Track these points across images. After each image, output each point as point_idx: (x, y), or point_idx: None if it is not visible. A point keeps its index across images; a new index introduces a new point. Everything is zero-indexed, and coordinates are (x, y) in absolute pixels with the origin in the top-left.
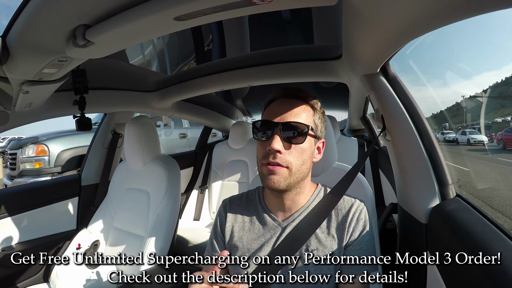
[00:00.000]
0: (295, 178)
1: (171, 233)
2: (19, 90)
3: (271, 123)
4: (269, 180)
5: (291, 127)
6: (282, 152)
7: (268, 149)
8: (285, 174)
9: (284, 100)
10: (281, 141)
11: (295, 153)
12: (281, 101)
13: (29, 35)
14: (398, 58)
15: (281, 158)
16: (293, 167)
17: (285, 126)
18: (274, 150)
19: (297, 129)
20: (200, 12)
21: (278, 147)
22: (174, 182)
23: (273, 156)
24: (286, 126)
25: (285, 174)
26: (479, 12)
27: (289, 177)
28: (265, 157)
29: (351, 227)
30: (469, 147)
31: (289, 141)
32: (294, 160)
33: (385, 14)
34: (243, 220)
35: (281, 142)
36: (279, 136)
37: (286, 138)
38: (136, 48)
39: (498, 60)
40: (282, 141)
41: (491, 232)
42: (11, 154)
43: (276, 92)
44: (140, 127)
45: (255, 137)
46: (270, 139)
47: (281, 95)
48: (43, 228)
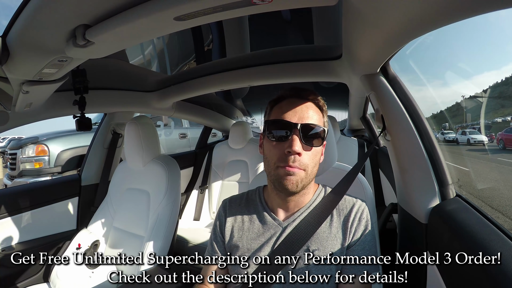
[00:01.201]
0: (308, 180)
1: (171, 233)
2: (19, 90)
3: (289, 123)
4: (287, 181)
5: (310, 129)
6: (301, 154)
7: (287, 151)
8: (302, 176)
9: (296, 101)
10: (300, 143)
11: (311, 155)
12: (293, 101)
13: (29, 35)
14: (398, 58)
15: (300, 161)
16: (308, 170)
17: (304, 128)
18: (295, 152)
19: (315, 131)
20: (200, 12)
21: (299, 149)
22: (174, 182)
23: (292, 159)
24: (305, 128)
25: (302, 176)
26: (479, 12)
27: (305, 179)
28: (282, 159)
29: (353, 227)
30: (469, 147)
31: (308, 143)
32: (310, 162)
33: (385, 14)
34: (242, 220)
35: (300, 144)
36: (299, 138)
37: (306, 140)
38: (136, 48)
39: (498, 60)
40: (302, 143)
41: (491, 232)
42: (11, 154)
43: (286, 91)
44: (140, 127)
45: (269, 137)
46: (288, 140)
47: (291, 95)
48: (43, 228)
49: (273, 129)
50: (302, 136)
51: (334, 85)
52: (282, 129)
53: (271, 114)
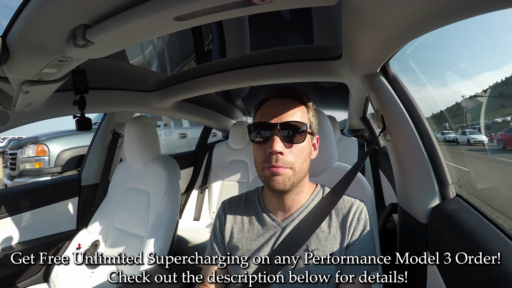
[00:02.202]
0: (298, 178)
1: (171, 233)
2: (19, 90)
3: (269, 124)
4: (274, 181)
5: (290, 126)
6: (284, 153)
7: (269, 151)
8: (289, 174)
9: (278, 100)
10: (281, 142)
11: (296, 152)
12: (275, 101)
13: (29, 35)
14: (398, 58)
15: (283, 159)
16: (296, 167)
17: (284, 126)
18: (276, 152)
19: (296, 128)
20: (200, 12)
21: (279, 148)
22: (174, 182)
23: (275, 159)
24: (285, 126)
25: (289, 174)
26: (479, 12)
27: (293, 176)
28: (266, 160)
29: (352, 227)
30: (469, 147)
31: (289, 141)
32: (296, 159)
33: (385, 14)
34: (242, 221)
35: (281, 143)
36: (279, 137)
37: (286, 138)
38: (136, 48)
39: (498, 60)
40: (283, 141)
41: (491, 232)
42: (11, 154)
43: (268, 92)
44: (140, 127)
45: (252, 140)
46: (269, 141)
47: (274, 95)
48: (43, 228)
49: (255, 131)
50: (283, 135)
51: (334, 85)
52: (263, 131)
53: (255, 117)
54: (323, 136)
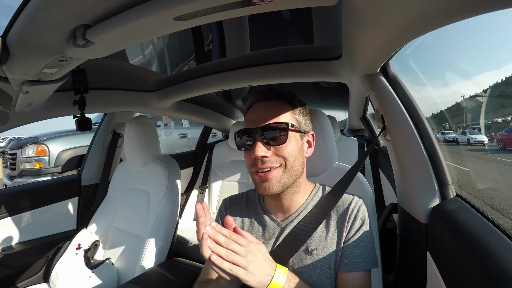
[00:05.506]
0: (289, 177)
1: (171, 233)
2: (19, 90)
3: (250, 130)
4: (262, 187)
5: (270, 128)
6: (268, 156)
7: (253, 157)
8: (278, 176)
9: (259, 104)
10: (263, 146)
11: (283, 152)
12: (256, 106)
13: (29, 35)
14: (398, 58)
15: (270, 161)
16: (287, 165)
17: (264, 130)
18: (259, 157)
19: (277, 129)
20: (200, 12)
21: (262, 153)
22: (174, 182)
23: (261, 162)
24: (264, 129)
25: (279, 175)
26: (479, 12)
27: (283, 176)
28: (253, 165)
29: (349, 223)
30: (469, 147)
31: (271, 143)
32: (284, 158)
33: (385, 14)
34: (242, 221)
35: (263, 147)
36: (261, 142)
37: (268, 141)
38: (136, 48)
39: (498, 60)
40: (264, 145)
41: (491, 232)
42: (11, 154)
43: (250, 98)
44: (140, 127)
45: (239, 148)
46: (252, 147)
47: (256, 100)
48: (43, 228)
49: (239, 139)
50: (264, 139)
51: (334, 85)
52: (245, 137)
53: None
54: (323, 136)
